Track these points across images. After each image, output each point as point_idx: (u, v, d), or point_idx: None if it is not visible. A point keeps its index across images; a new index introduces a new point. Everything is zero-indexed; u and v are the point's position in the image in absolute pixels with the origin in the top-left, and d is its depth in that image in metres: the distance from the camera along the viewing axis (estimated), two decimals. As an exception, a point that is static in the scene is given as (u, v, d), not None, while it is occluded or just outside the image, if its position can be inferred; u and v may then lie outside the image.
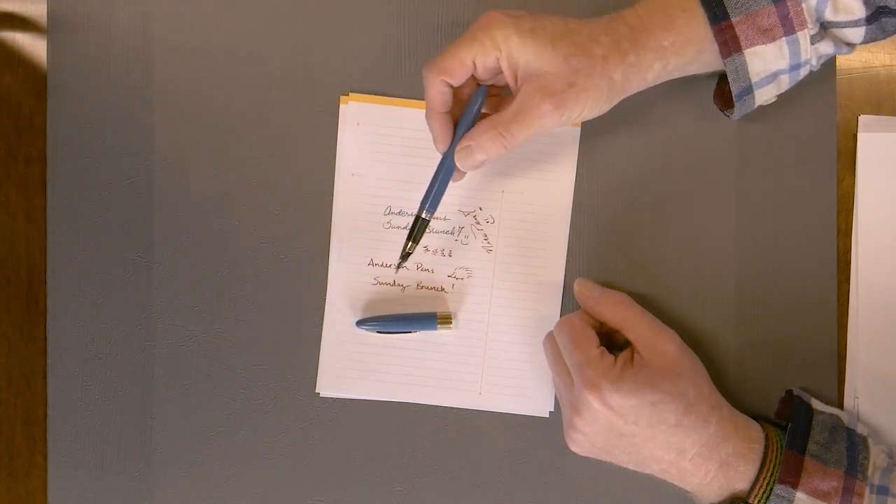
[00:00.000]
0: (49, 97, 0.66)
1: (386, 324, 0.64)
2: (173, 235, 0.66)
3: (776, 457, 0.58)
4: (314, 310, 0.65)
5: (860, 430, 0.61)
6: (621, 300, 0.62)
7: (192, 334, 0.66)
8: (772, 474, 0.57)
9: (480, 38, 0.55)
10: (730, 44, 0.56)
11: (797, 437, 0.58)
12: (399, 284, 0.65)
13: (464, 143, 0.57)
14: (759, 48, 0.56)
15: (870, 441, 0.60)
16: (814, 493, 0.56)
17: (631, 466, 0.60)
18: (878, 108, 0.65)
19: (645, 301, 0.65)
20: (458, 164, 0.58)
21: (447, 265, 0.65)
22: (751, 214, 0.65)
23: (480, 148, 0.57)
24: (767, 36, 0.56)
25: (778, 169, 0.65)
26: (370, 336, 0.65)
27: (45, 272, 0.66)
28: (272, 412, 0.66)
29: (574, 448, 0.60)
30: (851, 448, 0.58)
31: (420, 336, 0.65)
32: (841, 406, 0.64)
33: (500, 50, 0.55)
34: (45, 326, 0.66)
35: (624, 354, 0.60)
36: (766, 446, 0.58)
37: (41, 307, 0.66)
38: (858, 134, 0.64)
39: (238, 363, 0.66)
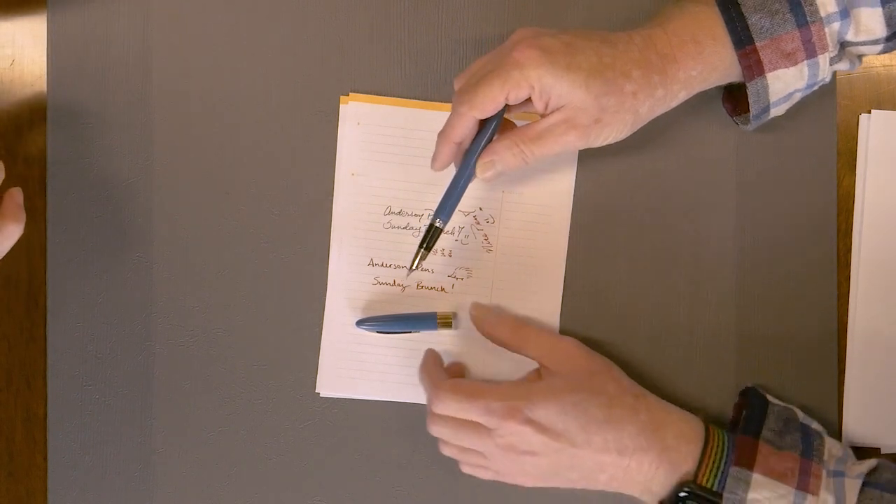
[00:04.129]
0: (49, 97, 0.66)
1: (386, 324, 0.64)
2: (173, 235, 0.66)
3: (718, 436, 0.58)
4: (314, 310, 0.65)
5: (815, 427, 0.61)
6: (517, 323, 0.62)
7: (192, 334, 0.66)
8: (717, 450, 0.57)
9: (515, 77, 0.55)
10: (753, 68, 0.56)
11: (752, 423, 0.59)
12: (399, 284, 0.65)
13: (487, 158, 0.58)
14: (781, 71, 0.56)
15: (825, 435, 0.60)
16: (770, 474, 0.56)
17: (582, 484, 0.59)
18: (877, 108, 0.65)
19: (645, 301, 0.65)
20: (478, 174, 0.59)
21: (447, 265, 0.65)
22: (751, 214, 0.65)
23: (502, 162, 0.58)
24: (790, 60, 0.56)
25: (778, 169, 0.65)
26: (370, 336, 0.65)
27: (45, 272, 0.66)
28: (272, 412, 0.66)
29: (528, 483, 0.60)
30: (806, 437, 0.59)
31: (420, 336, 0.65)
32: (840, 408, 0.64)
33: (533, 88, 0.55)
34: (45, 326, 0.66)
35: (528, 375, 0.60)
36: (706, 428, 0.59)
37: (41, 307, 0.66)
38: (872, 111, 0.64)
39: (238, 363, 0.66)
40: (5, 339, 0.67)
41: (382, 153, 0.65)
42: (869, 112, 0.65)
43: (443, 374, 0.62)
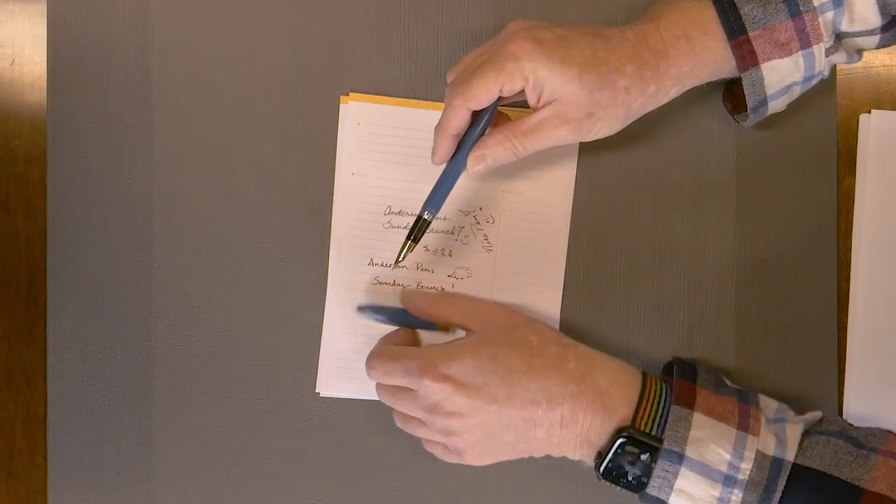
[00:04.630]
0: (49, 97, 0.66)
1: (385, 315, 0.64)
2: (173, 235, 0.66)
3: (655, 380, 0.58)
4: (314, 310, 0.65)
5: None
6: (440, 294, 0.63)
7: (192, 334, 0.66)
8: (655, 394, 0.57)
9: (510, 69, 0.55)
10: (747, 58, 0.56)
11: (686, 372, 0.59)
12: (399, 284, 0.65)
13: (478, 152, 0.58)
14: (776, 62, 0.56)
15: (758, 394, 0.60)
16: (710, 414, 0.55)
17: (523, 449, 0.58)
18: (877, 108, 0.65)
19: (645, 301, 0.65)
20: (468, 167, 0.59)
21: (447, 265, 0.65)
22: (751, 214, 0.65)
23: (493, 156, 0.58)
24: (784, 50, 0.56)
25: (778, 169, 0.65)
26: (370, 336, 0.65)
27: (45, 272, 0.66)
28: (272, 412, 0.66)
29: (470, 459, 0.59)
30: (741, 391, 0.59)
31: (420, 336, 0.65)
32: (841, 407, 0.64)
33: (527, 80, 0.55)
34: (45, 326, 0.66)
35: (450, 340, 0.60)
36: (643, 374, 0.58)
37: (41, 307, 0.66)
38: (872, 111, 0.64)
39: (238, 363, 0.66)
40: (5, 339, 0.67)
41: (382, 153, 0.65)
42: (869, 112, 0.65)
43: (380, 344, 0.62)
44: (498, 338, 0.58)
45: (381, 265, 0.65)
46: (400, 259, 0.61)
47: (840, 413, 0.64)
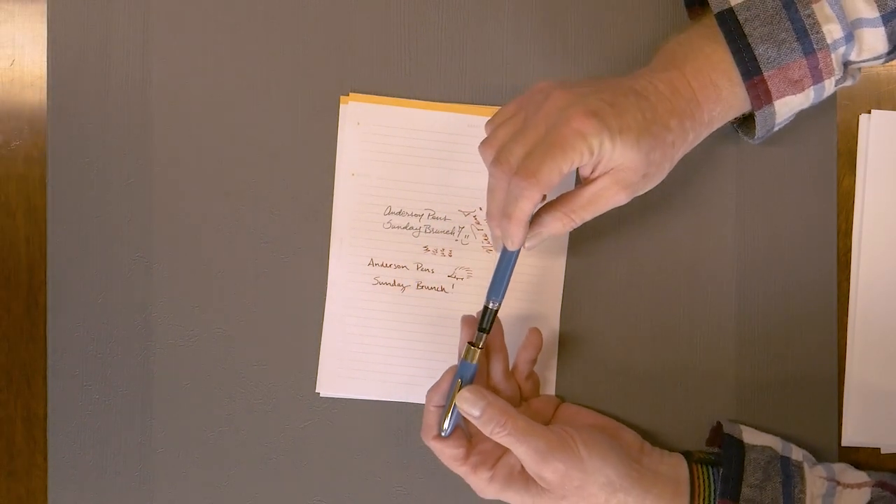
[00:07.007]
0: (49, 97, 0.66)
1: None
2: (173, 235, 0.66)
3: (703, 491, 0.59)
4: (314, 310, 0.65)
5: (795, 455, 0.61)
6: (498, 427, 0.58)
7: (192, 334, 0.66)
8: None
9: (578, 147, 0.53)
10: (762, 97, 0.56)
11: (730, 483, 0.59)
12: (399, 284, 0.65)
13: (535, 230, 0.57)
14: (789, 98, 0.57)
15: (806, 467, 0.60)
16: None
17: None
18: (877, 108, 0.65)
19: (645, 301, 0.65)
20: (527, 248, 0.58)
21: (447, 265, 0.65)
22: (751, 214, 0.65)
23: (549, 231, 0.58)
24: (797, 87, 0.56)
25: (777, 169, 0.65)
26: (370, 336, 0.65)
27: (45, 272, 0.66)
28: (272, 412, 0.66)
29: None
30: (787, 483, 0.58)
31: (420, 336, 0.65)
32: (840, 409, 0.64)
33: (592, 155, 0.54)
34: (45, 326, 0.66)
35: (506, 465, 0.59)
36: (692, 491, 0.59)
37: (41, 307, 0.66)
38: (872, 111, 0.64)
39: (238, 363, 0.66)
40: (5, 339, 0.67)
41: (382, 153, 0.65)
42: (869, 112, 0.65)
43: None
44: None
45: (382, 265, 0.65)
46: (479, 347, 0.59)
47: (840, 412, 0.64)
